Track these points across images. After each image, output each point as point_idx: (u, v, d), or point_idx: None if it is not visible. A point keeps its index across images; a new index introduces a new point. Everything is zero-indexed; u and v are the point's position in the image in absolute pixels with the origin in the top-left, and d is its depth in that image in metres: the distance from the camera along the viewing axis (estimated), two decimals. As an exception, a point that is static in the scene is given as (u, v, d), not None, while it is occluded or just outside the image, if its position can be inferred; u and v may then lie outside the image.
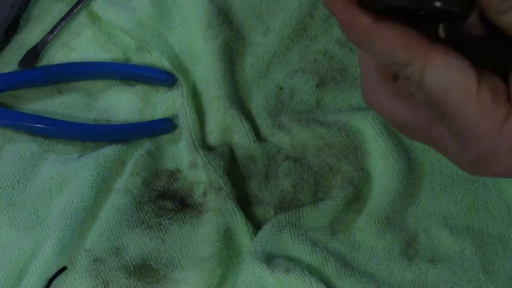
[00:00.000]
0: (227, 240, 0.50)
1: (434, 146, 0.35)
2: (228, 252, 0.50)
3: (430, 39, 0.31)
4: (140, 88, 0.55)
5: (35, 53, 0.55)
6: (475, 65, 0.31)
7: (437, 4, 0.29)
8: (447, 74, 0.31)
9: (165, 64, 0.55)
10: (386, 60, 0.32)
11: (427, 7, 0.29)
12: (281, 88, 0.56)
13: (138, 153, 0.53)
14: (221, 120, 0.54)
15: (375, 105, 0.35)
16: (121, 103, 0.55)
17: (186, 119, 0.53)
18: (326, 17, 0.58)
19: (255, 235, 0.50)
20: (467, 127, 0.31)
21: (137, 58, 0.56)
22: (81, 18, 0.57)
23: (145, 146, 0.53)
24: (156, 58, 0.55)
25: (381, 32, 0.31)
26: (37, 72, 0.54)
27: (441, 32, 0.34)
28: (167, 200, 0.52)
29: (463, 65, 0.31)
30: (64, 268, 0.50)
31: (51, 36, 0.56)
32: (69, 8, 0.57)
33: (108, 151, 0.52)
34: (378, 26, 0.31)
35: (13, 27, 0.56)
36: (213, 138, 0.54)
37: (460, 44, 0.33)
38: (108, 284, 0.49)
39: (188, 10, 0.57)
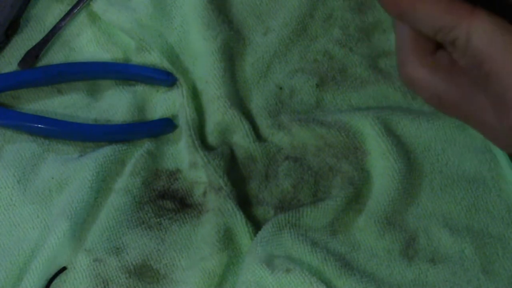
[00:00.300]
0: (227, 240, 0.50)
1: (471, 121, 0.35)
2: (228, 252, 0.50)
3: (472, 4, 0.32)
4: (140, 88, 0.55)
5: (35, 53, 0.55)
6: None
7: None
8: (492, 34, 0.31)
9: (165, 64, 0.55)
10: (430, 27, 0.32)
11: None
12: (281, 88, 0.56)
13: (138, 153, 0.53)
14: (221, 120, 0.54)
15: (412, 81, 0.35)
16: (121, 103, 0.55)
17: (186, 119, 0.53)
18: (326, 17, 0.58)
19: (255, 235, 0.50)
20: (510, 88, 0.32)
21: (137, 58, 0.56)
22: (81, 18, 0.57)
23: (145, 146, 0.53)
24: (156, 58, 0.55)
25: (426, 0, 0.32)
26: (37, 72, 0.54)
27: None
28: (167, 200, 0.52)
29: (509, 27, 0.32)
30: (64, 268, 0.50)
31: (51, 36, 0.56)
32: (69, 8, 0.57)
33: (108, 151, 0.52)
34: None
35: (13, 27, 0.56)
36: (213, 138, 0.54)
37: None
38: (108, 284, 0.49)
39: (188, 10, 0.57)
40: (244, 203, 0.52)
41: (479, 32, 0.32)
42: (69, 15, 0.56)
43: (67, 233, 0.49)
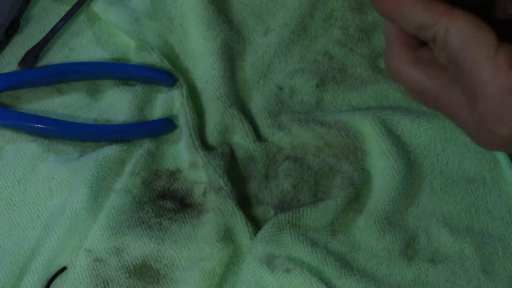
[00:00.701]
0: (227, 240, 0.50)
1: (451, 115, 0.38)
2: (228, 252, 0.50)
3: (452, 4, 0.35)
4: (140, 88, 0.55)
5: (35, 53, 0.55)
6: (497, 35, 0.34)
7: None
8: (468, 31, 0.34)
9: (165, 64, 0.55)
10: (413, 24, 0.35)
11: None
12: (281, 88, 0.56)
13: (138, 153, 0.53)
14: (221, 120, 0.54)
15: (396, 73, 0.38)
16: (121, 103, 0.55)
17: (186, 119, 0.53)
18: (326, 17, 0.58)
19: (255, 235, 0.50)
20: (480, 83, 0.34)
21: (137, 58, 0.56)
22: (81, 18, 0.57)
23: (145, 146, 0.53)
24: (156, 58, 0.55)
25: (408, 0, 0.35)
26: (37, 72, 0.54)
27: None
28: (167, 200, 0.52)
29: (485, 27, 0.34)
30: (64, 268, 0.50)
31: (51, 36, 0.56)
32: (69, 8, 0.57)
33: (108, 151, 0.52)
34: None
35: (13, 27, 0.56)
36: (213, 138, 0.54)
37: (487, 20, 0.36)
38: (108, 284, 0.49)
39: (188, 10, 0.57)
40: (244, 203, 0.52)
41: (455, 30, 0.34)
42: (69, 15, 0.56)
43: (67, 233, 0.49)
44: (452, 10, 0.34)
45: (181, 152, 0.53)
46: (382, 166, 0.52)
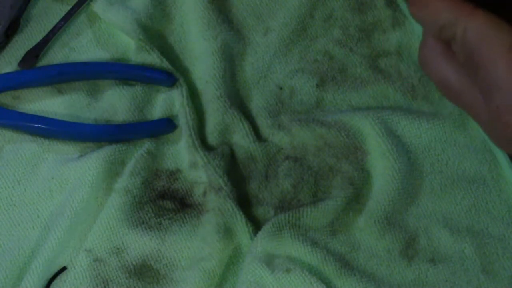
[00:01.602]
0: (227, 240, 0.50)
1: (468, 110, 0.39)
2: (228, 252, 0.50)
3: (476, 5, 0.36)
4: (140, 88, 0.55)
5: (35, 53, 0.55)
6: None
7: None
8: (484, 29, 0.35)
9: (165, 64, 0.55)
10: (436, 22, 0.37)
11: None
12: (281, 88, 0.56)
13: (138, 153, 0.53)
14: (221, 120, 0.54)
15: (426, 64, 0.40)
16: (121, 103, 0.55)
17: (186, 119, 0.53)
18: (326, 17, 0.58)
19: (255, 235, 0.50)
20: (495, 78, 0.35)
21: (137, 58, 0.56)
22: (81, 18, 0.57)
23: (145, 146, 0.53)
24: (156, 58, 0.55)
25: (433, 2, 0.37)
26: (37, 72, 0.54)
27: None
28: (167, 200, 0.52)
29: (501, 25, 0.35)
30: (64, 268, 0.50)
31: (51, 36, 0.56)
32: (69, 8, 0.57)
33: (108, 151, 0.52)
34: None
35: (13, 27, 0.56)
36: (213, 138, 0.54)
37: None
38: (108, 284, 0.49)
39: (188, 10, 0.57)
40: (244, 203, 0.52)
41: (473, 28, 0.36)
42: (69, 15, 0.56)
43: (67, 233, 0.49)
44: (472, 9, 0.36)
45: (181, 152, 0.53)
46: (382, 166, 0.52)
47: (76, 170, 0.51)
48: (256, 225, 0.51)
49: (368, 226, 0.51)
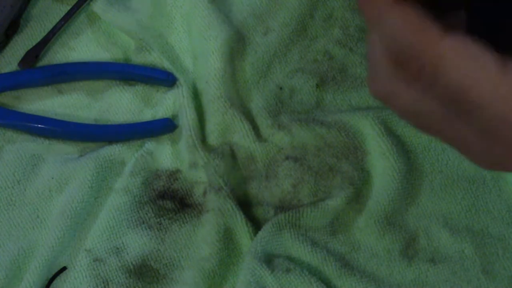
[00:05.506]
0: (227, 240, 0.50)
1: (455, 144, 0.31)
2: (228, 252, 0.50)
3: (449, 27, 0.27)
4: (140, 88, 0.55)
5: (35, 53, 0.55)
6: (497, 50, 0.27)
7: None
8: (468, 68, 0.27)
9: (165, 64, 0.55)
10: (393, 43, 0.28)
11: None
12: (281, 88, 0.56)
13: (138, 153, 0.53)
14: (221, 120, 0.54)
15: (383, 95, 0.31)
16: (121, 103, 0.55)
17: (186, 119, 0.53)
18: (326, 17, 0.58)
19: (255, 235, 0.50)
20: (494, 125, 0.27)
21: (137, 58, 0.56)
22: (81, 18, 0.57)
23: (145, 146, 0.53)
24: (156, 58, 0.55)
25: (393, 9, 0.27)
26: (37, 72, 0.54)
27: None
28: (167, 200, 0.52)
29: (486, 56, 0.27)
30: (64, 268, 0.50)
31: (51, 36, 0.56)
32: (69, 8, 0.57)
33: (108, 151, 0.52)
34: (394, 2, 0.27)
35: (13, 27, 0.56)
36: (213, 138, 0.54)
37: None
38: (108, 284, 0.49)
39: (188, 10, 0.57)
40: (244, 203, 0.52)
41: (451, 65, 0.27)
42: (69, 15, 0.56)
43: (67, 233, 0.49)
44: (443, 35, 0.27)
45: (181, 152, 0.53)
46: (382, 166, 0.52)
47: (76, 170, 0.51)
48: (256, 225, 0.51)
49: (368, 226, 0.51)
